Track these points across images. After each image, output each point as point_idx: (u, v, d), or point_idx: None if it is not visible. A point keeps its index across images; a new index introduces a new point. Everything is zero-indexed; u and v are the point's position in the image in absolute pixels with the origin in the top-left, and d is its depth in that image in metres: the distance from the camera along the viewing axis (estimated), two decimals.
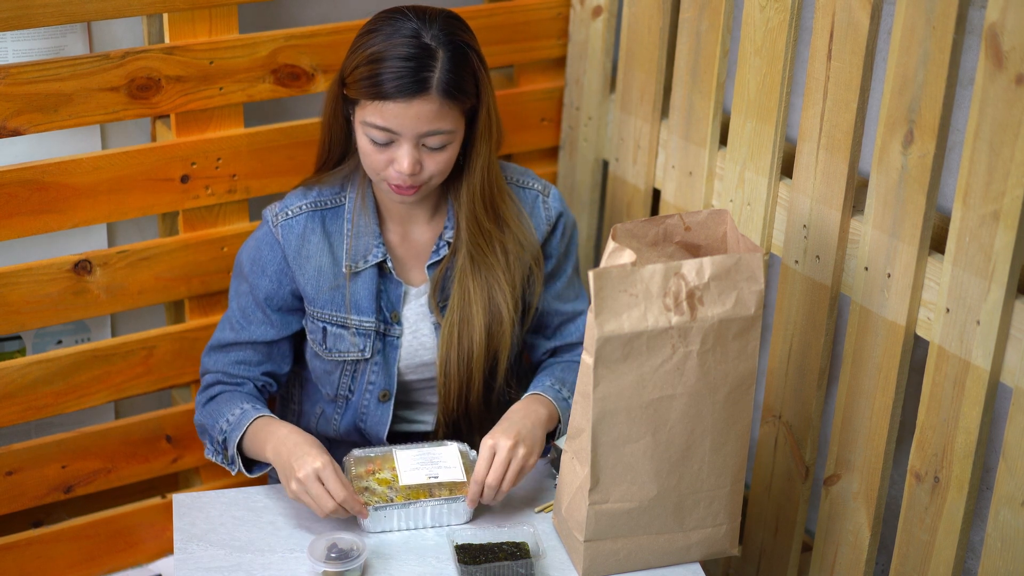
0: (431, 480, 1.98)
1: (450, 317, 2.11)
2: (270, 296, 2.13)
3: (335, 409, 2.20)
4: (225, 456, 2.08)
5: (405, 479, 1.98)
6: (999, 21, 1.69)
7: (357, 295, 2.11)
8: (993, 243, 1.76)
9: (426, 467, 2.00)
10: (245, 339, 2.15)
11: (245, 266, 2.15)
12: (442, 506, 1.96)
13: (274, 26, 2.42)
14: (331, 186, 2.14)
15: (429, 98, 1.94)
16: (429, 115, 1.95)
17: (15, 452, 2.34)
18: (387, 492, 1.97)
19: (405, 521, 1.96)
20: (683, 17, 2.31)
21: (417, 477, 1.98)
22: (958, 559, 1.93)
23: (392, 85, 1.93)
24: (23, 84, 2.11)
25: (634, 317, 1.78)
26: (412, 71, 1.93)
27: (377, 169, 2.00)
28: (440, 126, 1.96)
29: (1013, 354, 1.79)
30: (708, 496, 1.91)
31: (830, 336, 2.11)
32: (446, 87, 1.94)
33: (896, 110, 1.88)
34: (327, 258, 2.11)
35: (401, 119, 1.94)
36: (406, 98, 1.93)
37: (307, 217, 2.11)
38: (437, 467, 2.00)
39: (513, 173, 2.19)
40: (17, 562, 2.41)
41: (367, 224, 2.11)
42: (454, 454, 2.03)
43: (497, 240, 2.12)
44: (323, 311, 2.12)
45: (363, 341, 2.12)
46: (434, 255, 2.13)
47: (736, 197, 2.24)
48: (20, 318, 2.26)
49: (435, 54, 1.95)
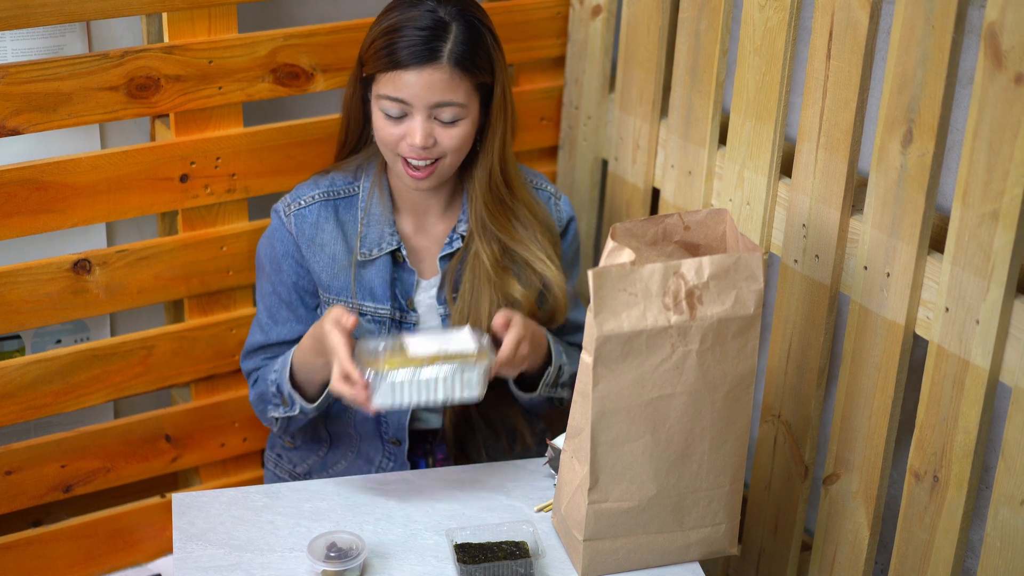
0: (441, 351, 1.91)
1: (461, 307, 2.11)
2: (294, 287, 2.15)
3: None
4: (284, 401, 2.10)
5: (415, 350, 1.92)
6: (998, 20, 1.69)
7: (372, 282, 2.12)
8: (992, 242, 1.76)
9: (437, 342, 1.94)
10: (274, 340, 2.19)
11: (265, 264, 2.17)
12: (455, 374, 1.89)
13: (273, 26, 2.42)
14: (344, 175, 2.15)
15: (440, 67, 1.97)
16: (440, 84, 1.98)
17: (14, 451, 2.34)
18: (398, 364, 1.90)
19: (416, 392, 1.89)
20: (682, 17, 2.31)
21: (428, 349, 1.92)
22: (957, 558, 1.93)
23: (404, 53, 1.97)
24: (22, 83, 2.11)
25: (633, 316, 1.78)
26: (425, 39, 1.97)
27: (391, 144, 2.03)
28: (451, 97, 1.99)
29: (1012, 353, 1.79)
30: (707, 495, 1.91)
31: (829, 335, 2.11)
32: (458, 57, 1.99)
33: (895, 109, 1.88)
34: (341, 245, 2.12)
35: (413, 88, 1.98)
36: (418, 66, 1.97)
37: (320, 206, 2.13)
38: (448, 342, 1.94)
39: (527, 174, 2.22)
40: (16, 562, 2.41)
41: (382, 213, 2.13)
42: (464, 333, 1.97)
43: (512, 210, 2.14)
44: (337, 298, 2.13)
45: (377, 328, 2.13)
46: (447, 247, 2.14)
47: (735, 196, 2.24)
48: (19, 317, 2.26)
49: (449, 26, 1.99)
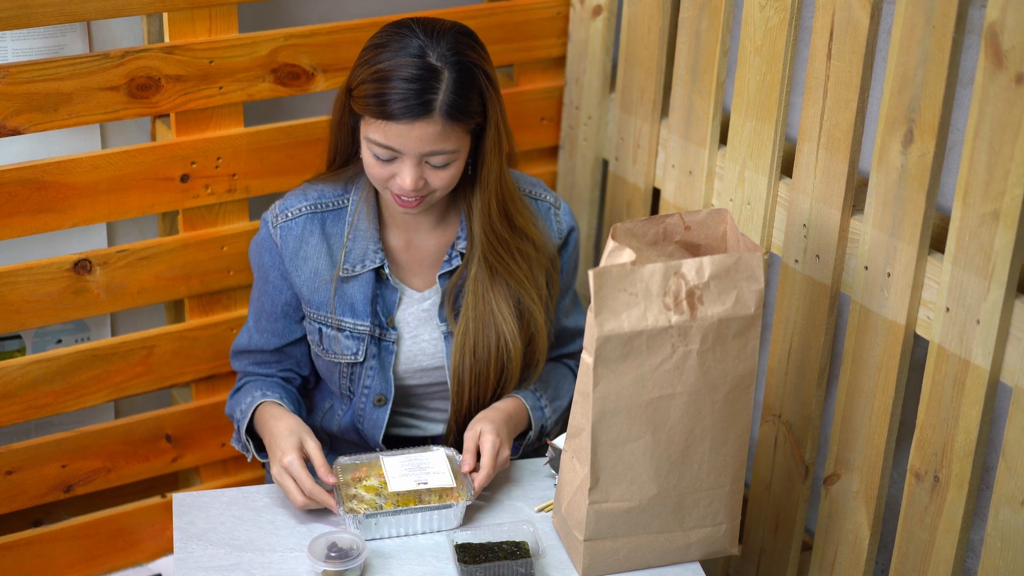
0: (420, 486, 1.96)
1: (464, 326, 2.10)
2: (279, 301, 2.15)
3: (341, 405, 2.20)
4: (240, 442, 2.13)
5: (394, 486, 1.96)
6: (999, 20, 1.69)
7: (353, 298, 2.11)
8: (993, 242, 1.76)
9: (414, 473, 1.98)
10: (255, 347, 2.19)
11: (255, 273, 2.18)
12: (433, 513, 1.94)
13: (274, 25, 2.42)
14: (334, 187, 2.13)
15: (432, 120, 1.92)
16: (432, 136, 1.93)
17: (15, 451, 2.34)
18: (376, 499, 1.95)
19: (396, 528, 1.94)
20: (683, 16, 2.31)
21: (406, 484, 1.96)
22: (958, 558, 1.93)
23: (395, 107, 1.91)
24: (23, 83, 2.11)
25: (634, 316, 1.78)
26: (416, 93, 1.91)
27: (380, 182, 2.01)
28: (443, 147, 1.95)
29: (1013, 353, 1.79)
30: (708, 495, 1.91)
31: (830, 335, 2.11)
32: (449, 109, 1.93)
33: (896, 109, 1.88)
34: (324, 260, 2.11)
35: (404, 139, 1.93)
36: (409, 120, 1.92)
37: (306, 219, 2.11)
38: (426, 473, 1.98)
39: (525, 184, 2.19)
40: (17, 561, 2.41)
41: (368, 229, 2.11)
42: (441, 459, 2.01)
43: (515, 247, 2.12)
44: (318, 312, 2.12)
45: (356, 344, 2.12)
46: (446, 264, 2.12)
47: (736, 196, 2.24)
48: (20, 317, 2.26)
49: (440, 75, 1.93)
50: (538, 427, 2.15)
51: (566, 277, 2.23)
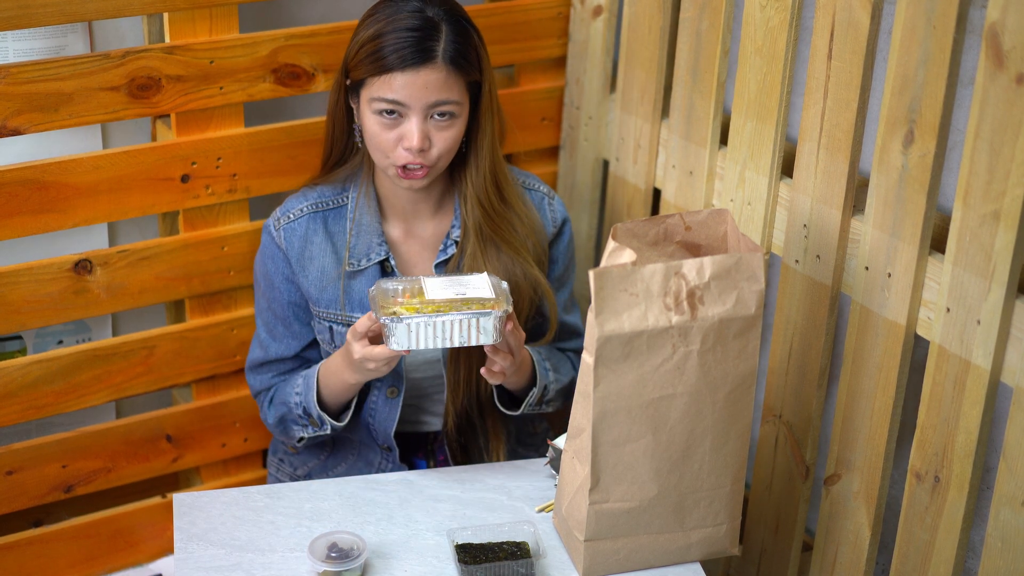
0: (459, 296, 1.92)
1: None
2: (288, 304, 2.15)
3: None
4: (313, 422, 2.12)
5: (432, 294, 1.92)
6: (999, 21, 1.69)
7: (361, 293, 2.12)
8: (993, 243, 1.76)
9: (454, 287, 1.94)
10: (273, 356, 2.20)
11: (260, 281, 2.18)
12: (471, 320, 1.89)
13: (274, 26, 2.42)
14: (332, 186, 2.14)
15: (436, 66, 1.96)
16: (437, 83, 1.96)
17: (15, 451, 2.35)
18: (417, 307, 1.91)
19: (433, 336, 1.89)
20: (683, 17, 2.31)
21: (445, 293, 1.93)
22: (958, 559, 1.93)
23: (398, 55, 1.95)
24: (23, 83, 2.11)
25: (634, 316, 1.78)
26: (418, 40, 1.95)
27: (386, 150, 2.01)
28: (448, 95, 1.98)
29: (1013, 354, 1.79)
30: (708, 495, 1.91)
31: (830, 336, 2.11)
32: (453, 55, 1.97)
33: (896, 110, 1.88)
34: (330, 258, 2.12)
35: (410, 89, 1.96)
36: (414, 67, 1.95)
37: (309, 219, 2.12)
38: (465, 287, 1.94)
39: (518, 175, 2.20)
40: (17, 561, 2.41)
41: (369, 222, 2.12)
42: (483, 279, 1.97)
43: (507, 219, 2.13)
44: (327, 311, 2.13)
45: None
46: (441, 254, 2.13)
47: (736, 197, 2.24)
48: (21, 318, 2.26)
49: (439, 26, 1.98)
50: (541, 385, 2.14)
51: (563, 270, 2.23)
